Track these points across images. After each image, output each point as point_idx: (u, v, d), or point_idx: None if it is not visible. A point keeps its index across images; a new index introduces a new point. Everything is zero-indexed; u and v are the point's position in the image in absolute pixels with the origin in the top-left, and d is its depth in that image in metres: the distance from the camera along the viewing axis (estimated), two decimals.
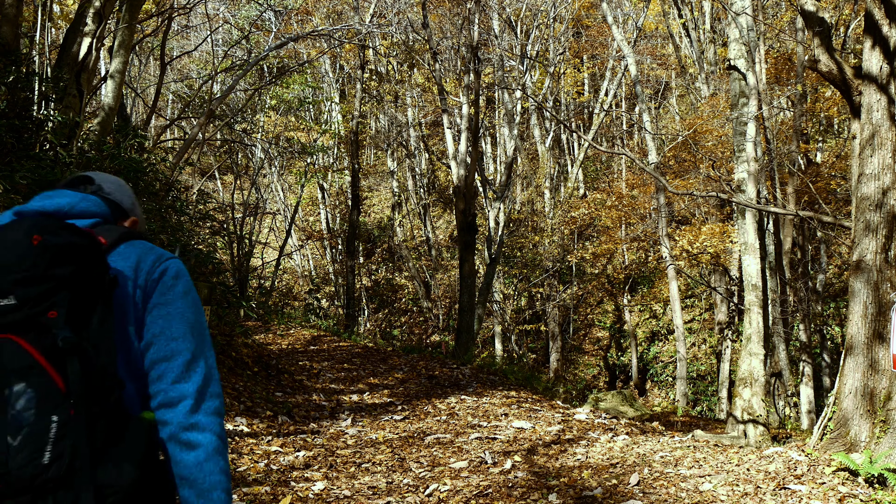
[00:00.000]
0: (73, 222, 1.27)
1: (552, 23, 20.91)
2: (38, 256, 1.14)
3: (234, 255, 18.70)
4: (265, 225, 24.57)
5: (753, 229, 10.19)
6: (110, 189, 1.44)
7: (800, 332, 14.38)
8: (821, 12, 6.23)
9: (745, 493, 4.74)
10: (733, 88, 10.59)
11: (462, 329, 14.34)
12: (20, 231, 1.16)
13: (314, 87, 23.20)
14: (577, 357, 21.31)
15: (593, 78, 27.85)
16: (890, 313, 4.95)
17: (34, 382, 1.11)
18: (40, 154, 7.32)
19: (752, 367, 9.66)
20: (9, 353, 1.11)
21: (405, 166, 25.29)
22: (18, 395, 1.10)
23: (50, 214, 1.27)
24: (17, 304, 1.13)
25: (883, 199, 5.25)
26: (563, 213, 21.01)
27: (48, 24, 10.26)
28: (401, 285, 24.20)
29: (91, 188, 1.41)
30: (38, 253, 1.14)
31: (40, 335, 1.12)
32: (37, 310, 1.13)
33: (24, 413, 1.09)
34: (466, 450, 6.39)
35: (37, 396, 1.10)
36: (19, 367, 1.11)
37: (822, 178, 15.31)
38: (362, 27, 16.54)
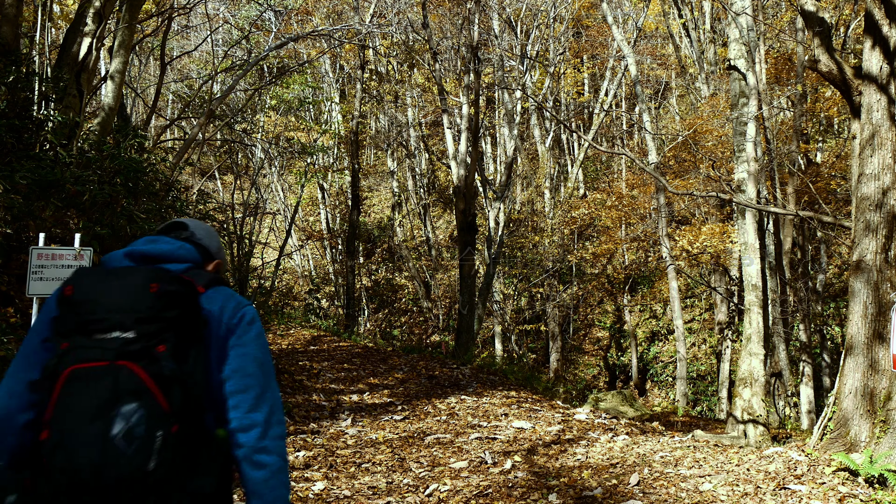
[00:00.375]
0: (171, 266, 1.56)
1: (552, 23, 20.91)
2: (155, 301, 1.41)
3: (234, 255, 18.69)
4: (265, 225, 24.57)
5: (753, 229, 10.19)
6: (201, 235, 1.72)
7: (800, 332, 14.38)
8: (821, 12, 6.23)
9: (745, 493, 4.74)
10: (733, 88, 10.59)
11: (462, 329, 14.34)
12: (141, 278, 1.44)
13: (314, 87, 23.19)
14: (577, 357, 21.31)
15: (593, 78, 27.85)
16: (890, 313, 4.95)
17: (145, 403, 1.35)
18: (40, 154, 7.31)
19: (752, 367, 9.66)
20: (125, 376, 1.35)
21: (405, 166, 25.29)
22: (132, 412, 1.34)
23: (154, 258, 1.57)
24: (135, 337, 1.38)
25: (883, 199, 5.24)
26: (563, 213, 21.01)
27: (48, 24, 10.26)
28: (401, 285, 24.20)
29: (184, 234, 1.68)
30: (154, 298, 1.42)
31: (151, 364, 1.38)
32: (150, 343, 1.39)
33: (136, 428, 1.33)
34: (466, 450, 6.39)
35: (146, 414, 1.34)
36: (133, 389, 1.35)
37: (822, 178, 15.30)
38: (362, 27, 16.53)
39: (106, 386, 1.35)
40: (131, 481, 1.31)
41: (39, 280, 4.87)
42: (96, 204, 7.27)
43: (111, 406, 1.34)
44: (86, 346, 1.38)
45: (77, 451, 1.31)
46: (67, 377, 1.35)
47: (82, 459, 1.31)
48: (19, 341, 5.84)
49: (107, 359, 1.36)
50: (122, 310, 1.39)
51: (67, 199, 7.05)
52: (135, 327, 1.39)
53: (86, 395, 1.34)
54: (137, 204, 8.18)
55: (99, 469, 1.31)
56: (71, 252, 5.00)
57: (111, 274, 1.46)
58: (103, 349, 1.37)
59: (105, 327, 1.39)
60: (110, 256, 1.58)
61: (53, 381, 1.36)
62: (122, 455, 1.31)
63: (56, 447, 1.32)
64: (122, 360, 1.36)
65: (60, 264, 4.96)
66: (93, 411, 1.33)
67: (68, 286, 1.43)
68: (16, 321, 6.03)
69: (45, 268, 4.89)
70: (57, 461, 1.32)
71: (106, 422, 1.32)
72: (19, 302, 6.24)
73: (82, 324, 1.39)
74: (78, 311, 1.40)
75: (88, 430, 1.32)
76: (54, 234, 6.84)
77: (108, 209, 7.48)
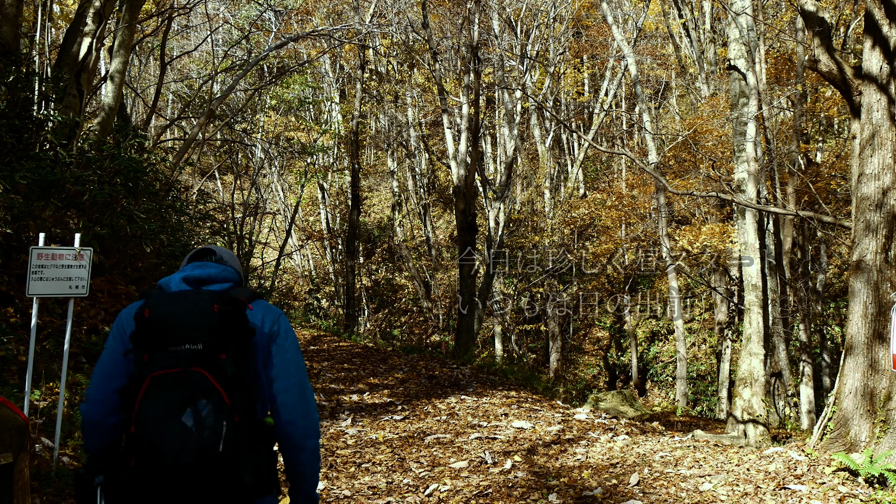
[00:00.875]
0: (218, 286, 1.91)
1: (552, 23, 20.90)
2: (217, 319, 1.74)
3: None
4: (265, 225, 24.56)
5: (753, 229, 10.19)
6: (228, 258, 2.05)
7: (800, 332, 14.37)
8: (821, 12, 6.23)
9: (745, 493, 4.74)
10: (733, 88, 10.59)
11: (462, 329, 14.34)
12: (206, 301, 1.77)
13: (314, 87, 23.18)
14: (577, 357, 21.30)
15: (593, 78, 27.84)
16: (890, 313, 4.94)
17: (213, 400, 1.69)
18: (40, 154, 7.31)
19: (752, 367, 9.66)
20: (199, 379, 1.69)
21: (405, 166, 25.28)
22: (204, 406, 1.67)
23: (205, 280, 1.91)
24: (203, 349, 1.72)
25: (883, 199, 5.24)
26: (563, 213, 21.00)
27: (48, 24, 10.26)
28: (401, 285, 24.19)
29: (215, 258, 2.02)
30: (218, 316, 1.75)
31: (216, 369, 1.72)
32: (215, 353, 1.73)
33: (207, 419, 1.66)
34: (466, 450, 6.39)
35: (214, 409, 1.68)
36: (204, 389, 1.69)
37: (822, 178, 15.30)
38: (362, 27, 16.53)
39: (182, 387, 1.68)
40: (206, 461, 1.65)
41: (39, 280, 4.86)
42: (96, 204, 7.27)
43: (187, 403, 1.67)
44: (163, 357, 1.71)
45: (161, 439, 1.64)
46: (150, 382, 1.69)
47: (166, 446, 1.63)
48: (19, 341, 5.84)
49: (181, 366, 1.70)
50: (192, 327, 1.73)
51: (67, 199, 7.04)
52: (203, 340, 1.73)
53: (165, 395, 1.68)
54: (137, 204, 8.18)
55: (179, 453, 1.63)
56: (71, 252, 5.00)
57: (179, 297, 1.81)
58: (178, 358, 1.71)
59: (178, 341, 1.72)
60: (169, 280, 1.93)
61: (138, 385, 1.70)
62: (197, 441, 1.64)
63: (143, 437, 1.65)
64: (195, 367, 1.71)
65: (60, 264, 4.96)
66: (172, 407, 1.66)
67: (146, 309, 1.76)
68: (16, 321, 6.03)
69: (45, 268, 4.89)
70: (145, 448, 1.65)
71: (182, 416, 1.66)
72: (19, 302, 6.24)
73: (160, 339, 1.73)
74: (155, 328, 1.73)
75: (169, 423, 1.65)
76: (54, 234, 6.84)
77: (108, 209, 7.48)
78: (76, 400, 5.64)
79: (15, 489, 2.53)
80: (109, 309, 7.07)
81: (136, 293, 7.51)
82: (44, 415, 5.17)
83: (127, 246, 7.80)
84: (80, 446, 5.10)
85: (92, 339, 6.54)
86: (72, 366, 5.98)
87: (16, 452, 2.52)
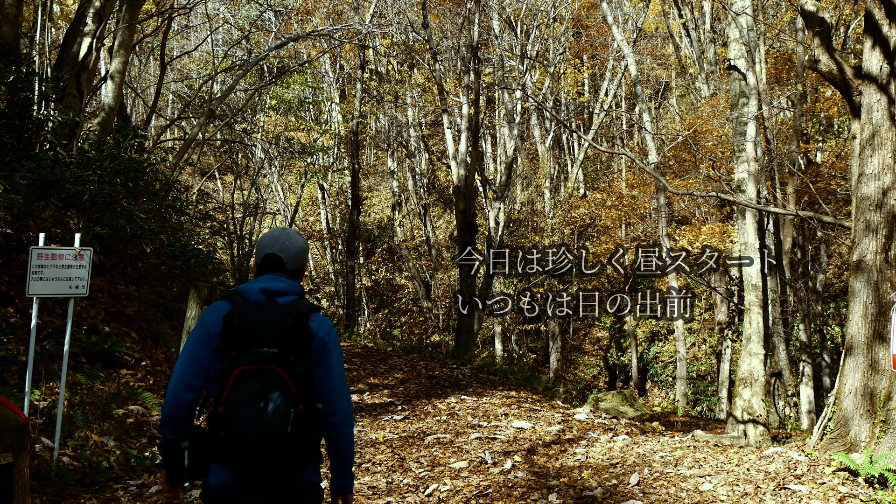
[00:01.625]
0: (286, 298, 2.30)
1: (552, 23, 20.89)
2: (290, 329, 2.19)
3: (234, 255, 18.69)
4: (265, 225, 24.56)
5: (753, 229, 10.19)
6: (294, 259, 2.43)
7: (800, 332, 14.37)
8: (821, 12, 6.23)
9: (745, 493, 4.74)
10: (733, 88, 10.59)
11: (462, 329, 14.34)
12: (280, 312, 2.21)
13: (314, 87, 23.18)
14: (577, 357, 21.30)
15: (593, 78, 27.83)
16: (890, 313, 4.94)
17: (284, 392, 2.12)
18: (40, 154, 7.31)
19: (752, 367, 9.66)
20: (273, 376, 2.13)
21: (405, 166, 25.27)
22: (277, 398, 2.10)
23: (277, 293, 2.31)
24: (278, 352, 2.16)
25: (883, 199, 5.24)
26: (563, 213, 21.00)
27: (48, 24, 10.26)
28: (401, 285, 24.19)
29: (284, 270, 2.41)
30: (290, 327, 2.19)
31: (286, 368, 2.16)
32: (287, 355, 2.17)
33: (279, 407, 2.09)
34: (466, 450, 6.39)
35: (284, 399, 2.11)
36: (277, 383, 2.13)
37: (822, 178, 15.30)
38: (362, 27, 16.53)
39: (261, 381, 2.12)
40: (279, 438, 2.09)
41: (39, 280, 4.86)
42: (96, 204, 7.27)
43: (265, 393, 2.10)
44: (247, 355, 2.15)
45: (246, 419, 2.07)
46: (236, 375, 2.12)
47: (249, 426, 2.07)
48: (19, 341, 5.84)
49: (261, 364, 2.14)
50: (270, 334, 2.17)
51: (67, 199, 7.04)
52: (278, 345, 2.17)
53: (248, 386, 2.11)
54: (137, 204, 8.18)
55: (259, 431, 2.07)
56: (71, 252, 5.00)
57: (259, 308, 2.23)
58: (258, 358, 2.14)
59: (259, 344, 2.16)
60: (249, 289, 2.31)
61: (227, 376, 2.13)
62: (272, 423, 2.08)
63: (231, 418, 2.09)
64: (271, 365, 2.14)
65: (60, 264, 4.95)
66: (253, 396, 2.10)
67: (235, 316, 2.19)
68: (16, 321, 6.03)
69: (45, 268, 4.89)
70: (232, 427, 2.08)
71: (262, 402, 2.09)
72: (19, 302, 6.24)
73: (244, 342, 2.16)
74: (242, 334, 2.17)
75: (251, 407, 2.08)
76: (54, 234, 6.84)
77: (108, 209, 7.48)
78: (76, 400, 5.64)
79: (15, 489, 2.53)
80: (109, 309, 7.07)
81: (136, 293, 7.51)
82: (44, 415, 5.17)
83: (127, 246, 7.81)
84: (79, 446, 5.10)
85: (92, 339, 6.54)
86: (72, 366, 5.98)
87: (16, 452, 2.52)
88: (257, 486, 2.18)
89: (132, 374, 6.57)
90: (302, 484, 2.28)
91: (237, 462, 2.12)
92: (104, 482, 4.87)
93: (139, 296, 7.52)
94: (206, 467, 2.20)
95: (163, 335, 7.45)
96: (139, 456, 5.35)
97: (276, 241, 2.41)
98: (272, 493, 2.20)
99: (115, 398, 5.95)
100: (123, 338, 6.86)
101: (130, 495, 4.75)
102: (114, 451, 5.23)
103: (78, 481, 4.76)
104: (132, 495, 4.75)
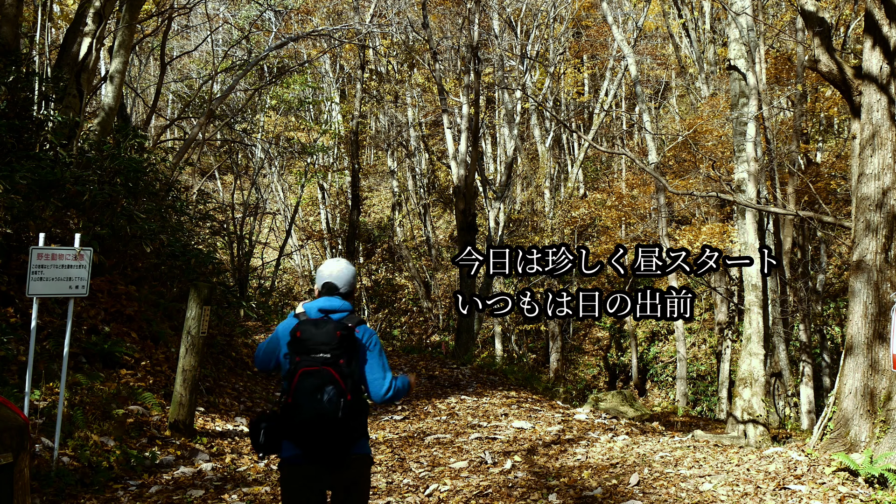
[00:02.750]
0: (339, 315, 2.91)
1: (552, 23, 20.89)
2: (339, 340, 2.78)
3: (234, 255, 18.69)
4: (265, 225, 24.55)
5: (753, 229, 10.19)
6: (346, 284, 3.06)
7: (800, 332, 14.37)
8: (821, 12, 6.23)
9: (745, 493, 4.74)
10: (733, 88, 10.59)
11: (462, 329, 14.33)
12: (332, 329, 2.80)
13: (314, 87, 23.17)
14: (577, 357, 21.30)
15: (593, 78, 27.83)
16: (890, 313, 4.94)
17: (335, 387, 2.74)
18: (40, 154, 7.31)
19: (752, 367, 9.66)
20: (327, 374, 2.74)
21: (405, 166, 25.27)
22: (330, 391, 2.71)
23: (332, 311, 2.92)
24: (330, 357, 2.75)
25: (883, 199, 5.24)
26: (563, 213, 21.00)
27: (48, 24, 10.26)
28: (401, 285, 24.19)
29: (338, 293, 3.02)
30: (339, 339, 2.78)
31: (337, 368, 2.76)
32: (337, 359, 2.77)
33: (332, 398, 2.71)
34: (466, 450, 6.39)
35: (336, 392, 2.73)
36: (330, 380, 2.74)
37: (822, 178, 15.29)
38: (362, 27, 16.53)
39: (318, 378, 2.75)
40: (332, 421, 2.73)
41: (39, 280, 4.86)
42: (96, 204, 7.27)
43: (321, 388, 2.74)
44: (308, 359, 2.78)
45: (308, 407, 2.73)
46: (300, 374, 2.77)
47: (309, 412, 2.72)
48: (19, 341, 5.84)
49: (318, 366, 2.77)
50: (324, 343, 2.79)
51: (67, 199, 7.04)
52: (330, 352, 2.78)
53: (308, 382, 2.75)
54: (137, 204, 8.17)
55: (318, 415, 2.72)
56: (71, 252, 5.00)
57: (317, 324, 2.84)
58: (316, 361, 2.77)
59: (316, 351, 2.78)
60: (311, 308, 2.95)
61: (294, 375, 2.77)
62: (327, 410, 2.72)
63: (297, 406, 2.74)
64: (326, 367, 2.77)
65: (60, 264, 4.95)
66: (312, 390, 2.74)
67: (298, 331, 2.81)
68: (16, 321, 6.03)
69: (45, 268, 4.88)
70: (298, 413, 2.74)
71: (319, 394, 2.73)
72: (19, 302, 6.23)
73: (305, 349, 2.79)
74: (304, 344, 2.79)
75: (311, 398, 2.73)
76: (54, 234, 6.84)
77: (108, 209, 7.48)
78: (76, 400, 5.64)
79: (15, 489, 2.53)
80: (109, 309, 7.07)
81: (136, 293, 7.51)
82: (44, 415, 5.17)
83: (127, 246, 7.80)
84: (79, 446, 5.10)
85: (92, 339, 6.54)
86: (72, 366, 5.97)
87: (16, 452, 2.52)
88: (318, 458, 2.81)
89: (132, 374, 6.57)
90: (352, 456, 2.88)
91: (302, 439, 2.78)
92: (104, 482, 4.87)
93: (139, 296, 7.52)
94: (280, 444, 2.86)
95: (163, 335, 7.45)
96: (139, 456, 5.35)
97: (332, 271, 3.03)
98: (329, 462, 2.83)
99: (115, 398, 5.95)
100: (123, 338, 6.85)
101: (130, 495, 4.75)
102: (114, 451, 5.23)
103: (78, 481, 4.75)
104: (132, 495, 4.75)
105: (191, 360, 6.10)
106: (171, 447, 5.71)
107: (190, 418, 6.09)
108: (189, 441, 5.95)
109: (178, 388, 6.04)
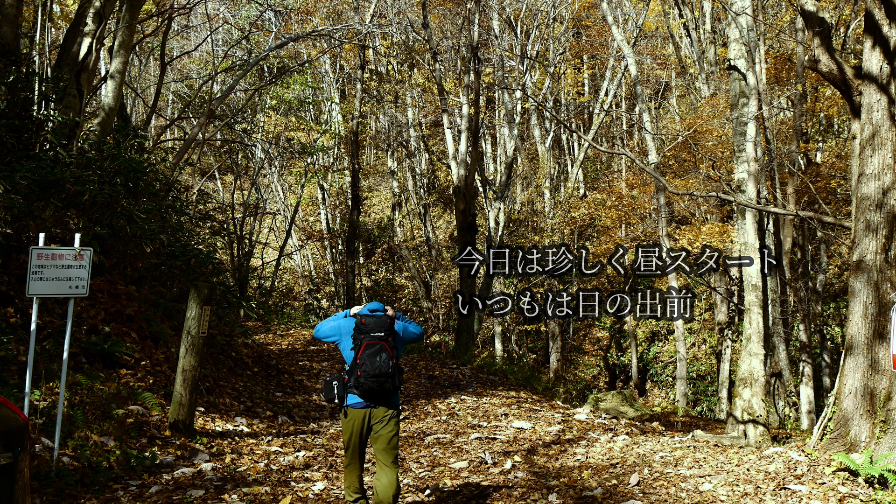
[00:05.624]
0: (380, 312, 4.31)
1: (552, 23, 20.89)
2: (388, 326, 4.22)
3: (234, 255, 18.69)
4: (265, 225, 24.56)
5: (753, 229, 10.19)
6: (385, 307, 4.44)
7: (800, 332, 14.37)
8: (821, 12, 6.22)
9: (745, 493, 4.73)
10: (733, 88, 10.59)
11: (462, 329, 14.34)
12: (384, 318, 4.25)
13: (314, 87, 23.17)
14: (577, 357, 21.30)
15: (593, 78, 27.83)
16: (890, 313, 4.94)
17: (387, 354, 4.15)
18: (40, 154, 7.31)
19: (752, 367, 9.66)
20: (382, 346, 4.16)
21: (405, 166, 25.26)
22: (385, 356, 4.13)
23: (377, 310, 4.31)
24: (383, 335, 4.18)
25: (883, 199, 5.24)
26: (563, 213, 20.99)
27: (48, 24, 10.26)
28: (401, 285, 24.19)
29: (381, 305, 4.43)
30: (389, 325, 4.23)
31: (388, 342, 4.19)
32: (387, 337, 4.19)
33: (387, 361, 4.12)
34: (466, 450, 6.39)
35: (387, 357, 4.14)
36: (384, 350, 4.17)
37: (822, 178, 15.29)
38: (362, 27, 16.52)
39: (377, 348, 4.11)
40: (385, 376, 4.08)
41: (39, 280, 4.86)
42: (96, 204, 7.27)
43: (378, 354, 4.09)
44: (369, 337, 4.13)
45: (371, 365, 4.07)
46: (365, 345, 4.12)
47: (372, 370, 4.06)
48: (19, 341, 5.84)
49: (376, 341, 4.13)
50: (379, 329, 4.16)
51: (67, 199, 7.04)
52: (383, 333, 4.15)
53: (370, 350, 4.10)
54: (137, 204, 8.17)
55: (378, 371, 4.07)
56: (71, 252, 5.00)
57: (374, 317, 4.20)
58: (374, 338, 4.13)
59: (375, 332, 4.15)
60: (363, 309, 4.31)
61: (360, 345, 4.13)
62: (383, 368, 4.07)
63: (363, 364, 4.08)
64: (381, 342, 4.13)
65: (60, 264, 4.95)
66: (372, 354, 4.09)
67: (363, 319, 4.20)
68: (16, 321, 6.03)
69: (45, 268, 4.88)
70: (365, 369, 4.07)
71: (378, 357, 4.09)
72: (19, 302, 6.23)
73: (367, 331, 4.15)
74: (366, 328, 4.15)
75: (372, 360, 4.08)
76: (54, 234, 6.83)
77: (108, 209, 7.48)
78: (76, 400, 5.64)
79: (15, 489, 2.53)
80: (109, 309, 7.07)
81: (136, 293, 7.50)
82: (44, 415, 5.17)
83: (127, 246, 7.80)
84: (79, 446, 5.10)
85: (92, 339, 6.53)
86: (72, 366, 5.98)
87: (16, 452, 2.52)
88: (373, 400, 4.14)
89: (132, 374, 6.57)
90: (393, 403, 4.23)
91: (365, 389, 4.07)
92: (104, 482, 4.86)
93: (139, 296, 7.52)
94: (346, 395, 4.17)
95: (163, 335, 7.45)
96: (139, 456, 5.35)
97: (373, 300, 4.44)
98: (378, 402, 4.15)
99: (115, 398, 5.95)
100: (123, 338, 6.85)
101: (130, 495, 4.74)
102: (114, 451, 5.23)
103: (78, 481, 4.75)
104: (132, 495, 4.75)
105: (191, 360, 6.11)
106: (171, 447, 5.71)
107: (190, 418, 6.09)
108: (189, 441, 5.95)
109: (178, 388, 6.04)
